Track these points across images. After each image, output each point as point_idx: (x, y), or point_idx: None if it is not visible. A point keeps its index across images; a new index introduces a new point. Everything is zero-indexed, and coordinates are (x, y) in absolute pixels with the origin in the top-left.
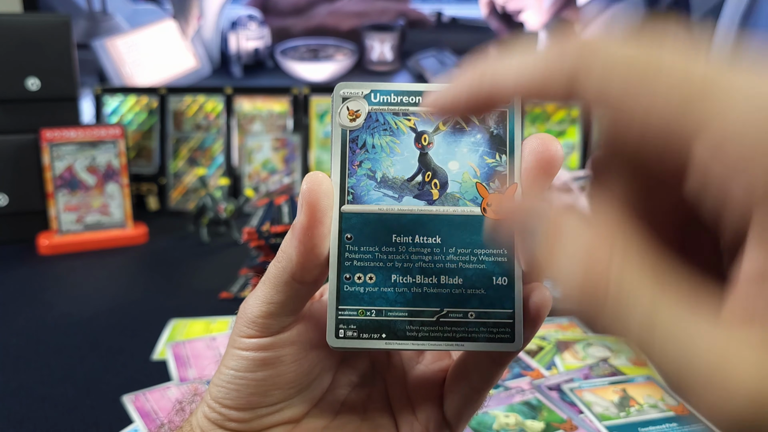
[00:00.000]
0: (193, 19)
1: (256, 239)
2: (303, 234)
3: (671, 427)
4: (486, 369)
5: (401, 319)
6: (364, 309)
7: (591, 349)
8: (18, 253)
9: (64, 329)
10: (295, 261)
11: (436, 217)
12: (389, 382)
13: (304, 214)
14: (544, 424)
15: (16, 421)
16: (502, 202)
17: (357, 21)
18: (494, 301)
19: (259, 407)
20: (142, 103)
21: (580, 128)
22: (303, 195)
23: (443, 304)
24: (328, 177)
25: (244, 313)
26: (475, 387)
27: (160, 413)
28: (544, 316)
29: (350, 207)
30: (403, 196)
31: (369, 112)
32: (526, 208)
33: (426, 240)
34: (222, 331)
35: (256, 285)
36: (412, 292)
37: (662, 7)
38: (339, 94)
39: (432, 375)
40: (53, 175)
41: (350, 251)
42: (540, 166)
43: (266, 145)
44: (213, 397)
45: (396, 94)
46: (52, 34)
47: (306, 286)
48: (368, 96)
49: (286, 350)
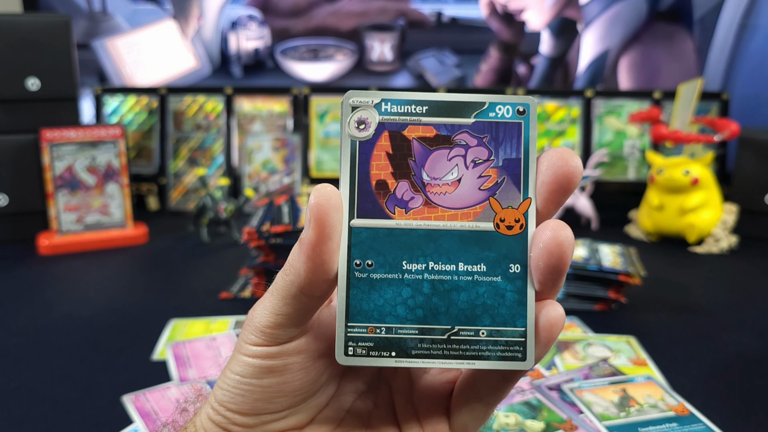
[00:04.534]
0: (193, 19)
1: (256, 239)
2: (311, 249)
3: (671, 427)
4: (495, 385)
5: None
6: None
7: (591, 349)
8: (18, 253)
9: (64, 329)
10: (303, 276)
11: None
12: (395, 391)
13: (312, 230)
14: (544, 424)
15: (16, 421)
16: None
17: (357, 21)
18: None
19: (264, 413)
20: (142, 103)
21: (580, 128)
22: (311, 209)
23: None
24: (337, 191)
25: (251, 321)
26: (484, 402)
27: (160, 413)
28: (556, 334)
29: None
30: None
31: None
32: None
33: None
34: (222, 331)
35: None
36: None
37: (663, 6)
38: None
39: (439, 386)
40: (53, 175)
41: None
42: (557, 181)
43: (266, 145)
44: (217, 400)
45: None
46: (52, 34)
47: (314, 300)
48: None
49: (293, 359)
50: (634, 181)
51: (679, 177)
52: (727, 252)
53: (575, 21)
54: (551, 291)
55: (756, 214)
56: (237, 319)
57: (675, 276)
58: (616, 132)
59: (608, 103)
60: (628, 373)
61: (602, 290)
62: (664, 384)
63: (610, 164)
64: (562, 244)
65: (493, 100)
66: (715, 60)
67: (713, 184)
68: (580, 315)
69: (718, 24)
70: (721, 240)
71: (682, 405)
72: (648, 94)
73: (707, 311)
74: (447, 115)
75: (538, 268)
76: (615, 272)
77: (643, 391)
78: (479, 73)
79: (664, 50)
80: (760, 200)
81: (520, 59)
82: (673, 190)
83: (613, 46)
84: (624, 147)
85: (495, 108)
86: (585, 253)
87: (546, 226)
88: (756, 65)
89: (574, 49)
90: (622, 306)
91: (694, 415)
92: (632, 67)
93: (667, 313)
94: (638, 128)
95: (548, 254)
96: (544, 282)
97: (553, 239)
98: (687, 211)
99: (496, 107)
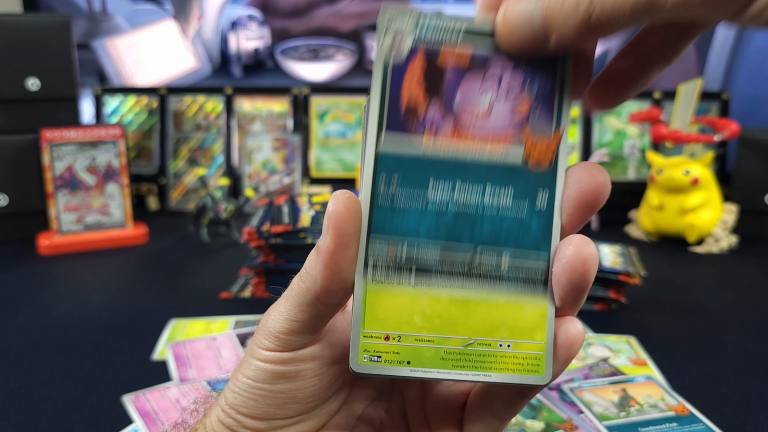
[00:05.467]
0: (193, 19)
1: (256, 239)
2: (329, 258)
3: (671, 427)
4: (510, 400)
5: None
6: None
7: (591, 349)
8: (18, 253)
9: (64, 329)
10: (320, 284)
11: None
12: (407, 401)
13: (330, 237)
14: (544, 424)
15: (16, 421)
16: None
17: (357, 22)
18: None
19: (276, 418)
20: (142, 103)
21: (580, 128)
22: (329, 217)
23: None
24: (356, 197)
25: (265, 326)
26: (497, 417)
27: (160, 413)
28: (576, 351)
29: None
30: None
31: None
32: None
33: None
34: (222, 331)
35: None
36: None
37: None
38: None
39: (452, 397)
40: (53, 176)
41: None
42: (583, 197)
43: (266, 145)
44: (228, 403)
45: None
46: (52, 34)
47: (330, 308)
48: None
49: (307, 365)
50: (634, 181)
51: (679, 177)
52: (727, 252)
53: None
54: (572, 308)
55: (756, 214)
56: (237, 319)
57: (675, 276)
58: (616, 132)
59: None
60: (628, 373)
61: (602, 290)
62: (664, 384)
63: (610, 164)
64: (587, 261)
65: None
66: (715, 60)
67: (713, 184)
68: (580, 315)
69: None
70: (721, 240)
71: (682, 405)
72: (648, 94)
73: (707, 311)
74: (483, 40)
75: (560, 284)
76: (615, 272)
77: (643, 391)
78: None
79: None
80: (760, 200)
81: None
82: (673, 190)
83: (612, 47)
84: (624, 147)
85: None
86: None
87: (570, 241)
88: (756, 65)
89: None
90: (622, 306)
91: (694, 415)
92: None
93: (667, 313)
94: (638, 128)
95: (571, 270)
96: (565, 298)
97: (577, 255)
98: (687, 211)
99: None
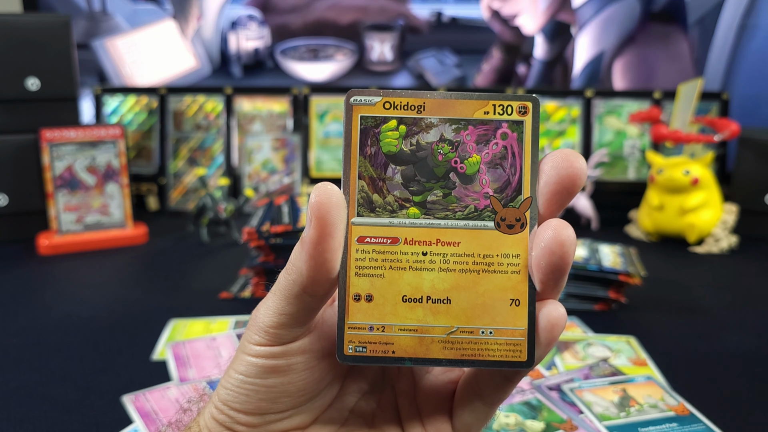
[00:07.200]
0: (193, 19)
1: (256, 239)
2: (313, 248)
3: (671, 427)
4: (497, 385)
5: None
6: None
7: (591, 349)
8: (18, 253)
9: (64, 329)
10: (306, 275)
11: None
12: (399, 392)
13: (313, 228)
14: (544, 424)
15: (16, 421)
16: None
17: (356, 16)
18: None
19: (268, 413)
20: (142, 103)
21: (580, 128)
22: (312, 208)
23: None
24: (338, 189)
25: (255, 321)
26: (486, 402)
27: (160, 413)
28: (558, 334)
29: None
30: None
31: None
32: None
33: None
34: (222, 331)
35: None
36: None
37: (656, 8)
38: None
39: (442, 387)
40: (53, 175)
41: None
42: (561, 182)
43: (266, 145)
44: (221, 399)
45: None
46: (52, 34)
47: (317, 299)
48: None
49: (297, 359)
50: (634, 181)
51: (679, 177)
52: (727, 252)
53: (569, 24)
54: (553, 291)
55: (756, 214)
56: (237, 319)
57: (675, 276)
58: (616, 132)
59: (608, 103)
60: (628, 373)
61: (602, 290)
62: (664, 384)
63: (610, 164)
64: (564, 243)
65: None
66: (715, 60)
67: (713, 184)
68: (580, 315)
69: (718, 24)
70: (721, 240)
71: (682, 405)
72: (648, 94)
73: (707, 311)
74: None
75: (540, 267)
76: (615, 272)
77: (643, 391)
78: (480, 73)
79: (660, 51)
80: (760, 200)
81: (521, 60)
82: (673, 190)
83: (608, 48)
84: (624, 147)
85: (497, 106)
86: (585, 253)
87: (548, 225)
88: (756, 65)
89: (571, 51)
90: (622, 306)
91: (694, 415)
92: (627, 69)
93: (667, 313)
94: (638, 128)
95: (550, 253)
96: (545, 281)
97: (554, 238)
98: (687, 211)
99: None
